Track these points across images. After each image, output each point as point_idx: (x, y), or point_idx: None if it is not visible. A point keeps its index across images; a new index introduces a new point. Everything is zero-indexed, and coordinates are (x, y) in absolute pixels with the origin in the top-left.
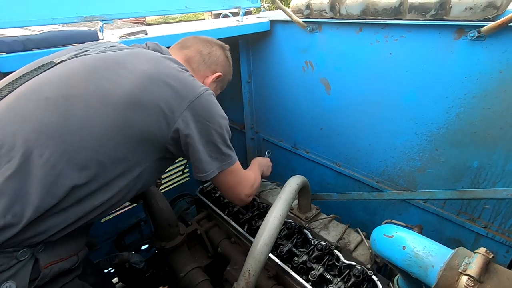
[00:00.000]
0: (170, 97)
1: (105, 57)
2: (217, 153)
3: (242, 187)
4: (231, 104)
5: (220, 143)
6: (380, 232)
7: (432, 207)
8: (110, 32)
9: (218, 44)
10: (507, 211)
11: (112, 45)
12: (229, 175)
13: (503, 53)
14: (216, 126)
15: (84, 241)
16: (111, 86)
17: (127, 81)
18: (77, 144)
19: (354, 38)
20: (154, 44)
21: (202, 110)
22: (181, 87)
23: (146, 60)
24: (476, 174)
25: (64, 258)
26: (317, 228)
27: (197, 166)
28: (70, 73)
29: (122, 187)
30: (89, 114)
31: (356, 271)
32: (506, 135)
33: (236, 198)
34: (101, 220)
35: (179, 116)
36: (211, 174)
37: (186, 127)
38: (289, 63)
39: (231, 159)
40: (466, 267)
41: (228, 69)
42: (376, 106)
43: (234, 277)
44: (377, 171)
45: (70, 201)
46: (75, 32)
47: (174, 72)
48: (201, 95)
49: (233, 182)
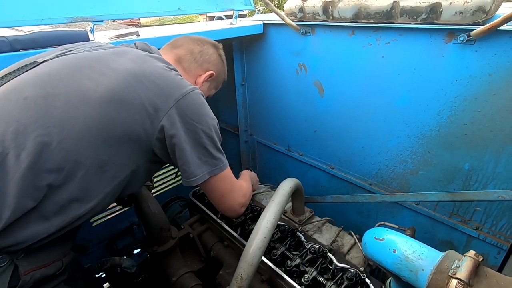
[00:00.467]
0: (154, 95)
1: (89, 55)
2: (207, 156)
3: (236, 195)
4: (225, 106)
5: (209, 145)
6: (371, 235)
7: (425, 209)
8: (101, 34)
9: (210, 43)
10: (498, 212)
11: (99, 45)
12: (221, 182)
13: (493, 57)
14: (204, 127)
15: (70, 246)
16: (92, 85)
17: (110, 79)
18: (56, 145)
19: (347, 41)
20: (142, 43)
21: (189, 109)
22: (166, 86)
23: (131, 59)
24: (467, 176)
25: (47, 264)
26: (310, 231)
27: (185, 169)
28: (51, 72)
29: (107, 192)
30: (68, 113)
31: (349, 274)
32: (496, 137)
33: (229, 207)
34: (92, 224)
35: (164, 115)
36: (201, 179)
37: (172, 127)
38: (283, 66)
39: (222, 163)
40: (455, 270)
41: (221, 67)
42: (369, 109)
43: (227, 281)
44: (370, 173)
45: (50, 206)
46: (64, 33)
47: (160, 71)
48: (187, 94)
49: (226, 190)
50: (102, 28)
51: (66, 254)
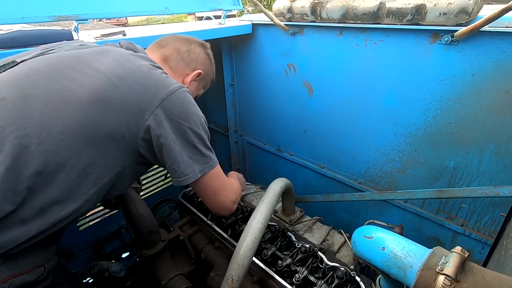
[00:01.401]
0: (139, 95)
1: (70, 55)
2: (197, 154)
3: (227, 192)
4: (214, 107)
5: (198, 143)
6: (360, 234)
7: (412, 206)
8: (86, 33)
9: (198, 42)
10: (482, 209)
11: (82, 44)
12: (212, 179)
13: (475, 57)
14: (192, 125)
15: (53, 250)
16: (73, 85)
17: (91, 79)
18: (35, 147)
19: (335, 42)
20: (127, 43)
21: (176, 108)
22: (151, 85)
23: (114, 58)
24: (453, 174)
25: (28, 270)
26: (301, 230)
27: (175, 169)
28: (29, 72)
29: (91, 194)
30: (48, 114)
31: (339, 273)
32: (479, 136)
33: (222, 205)
34: (79, 229)
35: (149, 115)
36: (192, 178)
37: (159, 127)
38: (272, 66)
39: (212, 161)
40: (443, 266)
41: (209, 67)
42: (357, 109)
43: (218, 283)
44: (359, 172)
45: (29, 209)
46: (47, 31)
47: (144, 69)
48: (174, 92)
49: (217, 187)
50: (87, 27)
51: (49, 259)
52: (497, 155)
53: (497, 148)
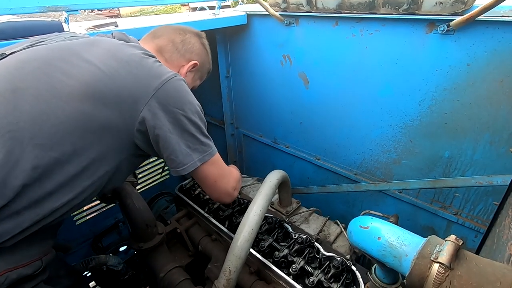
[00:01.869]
0: (132, 85)
1: (60, 46)
2: (196, 143)
3: (227, 179)
4: (210, 99)
5: (196, 132)
6: (356, 224)
7: (407, 196)
8: (77, 24)
9: (193, 32)
10: (476, 198)
11: (73, 35)
12: (212, 167)
13: (471, 47)
14: (189, 114)
15: (50, 244)
16: (64, 78)
17: (83, 71)
18: (28, 141)
19: (331, 32)
20: (120, 33)
21: (171, 97)
22: (144, 74)
23: (105, 48)
24: (447, 164)
25: (25, 264)
26: (297, 221)
27: (173, 159)
28: (19, 65)
29: (85, 187)
30: (39, 108)
31: (335, 263)
32: (474, 126)
33: (223, 192)
34: (76, 223)
35: (144, 106)
36: (191, 167)
37: (154, 118)
38: (267, 58)
39: (211, 148)
40: (437, 255)
41: (205, 57)
42: (353, 100)
43: (216, 274)
44: (355, 163)
45: (23, 202)
46: (36, 23)
47: (136, 59)
48: (168, 81)
49: (218, 175)
50: (78, 19)
51: (46, 253)
52: (491, 144)
53: (491, 138)
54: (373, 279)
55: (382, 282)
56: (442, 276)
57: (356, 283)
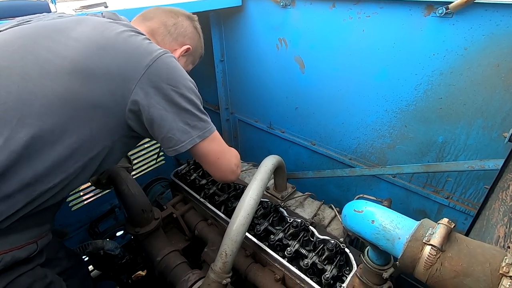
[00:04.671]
0: (122, 63)
1: (46, 25)
2: (194, 119)
3: (229, 156)
4: (204, 84)
5: (193, 108)
6: (350, 208)
7: (401, 181)
8: (65, 5)
9: (185, 15)
10: (467, 182)
11: (60, 15)
12: (213, 144)
13: (468, 30)
14: (183, 91)
15: (46, 227)
16: (51, 56)
17: (70, 49)
18: (16, 122)
19: (328, 14)
20: (110, 13)
21: (163, 74)
22: (133, 52)
23: (92, 26)
24: (441, 149)
25: (19, 246)
26: (292, 206)
27: (170, 137)
28: (3, 44)
29: (77, 168)
30: (27, 88)
31: (329, 245)
32: (468, 110)
33: (227, 170)
34: (72, 209)
35: (135, 84)
36: (190, 143)
37: (147, 97)
38: (263, 41)
39: (210, 125)
40: (429, 237)
41: (198, 41)
42: (349, 85)
43: (212, 258)
44: (350, 148)
45: (14, 185)
46: (22, 3)
47: (125, 36)
48: (158, 57)
49: (220, 151)
50: None
51: (42, 237)
52: (484, 129)
53: (485, 123)
54: (366, 261)
55: (374, 263)
56: (434, 257)
57: (349, 264)
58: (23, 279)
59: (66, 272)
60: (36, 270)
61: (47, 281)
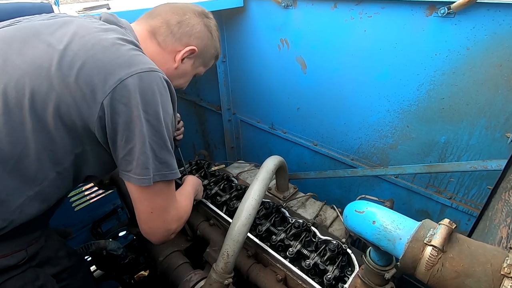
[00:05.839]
0: (93, 73)
1: (27, 27)
2: (149, 156)
3: (169, 217)
4: (206, 84)
5: (156, 143)
6: (351, 209)
7: (403, 181)
8: (68, 6)
9: (195, 11)
10: (470, 182)
11: (54, 15)
12: (157, 194)
13: (471, 30)
14: (152, 119)
15: (36, 235)
16: (18, 60)
17: (37, 52)
18: None
19: (329, 15)
20: (109, 15)
21: (136, 94)
22: (110, 61)
23: (72, 30)
24: (443, 149)
25: (6, 254)
26: (294, 206)
27: (127, 161)
28: None
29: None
30: None
31: (331, 246)
32: (471, 110)
33: (154, 230)
34: (74, 209)
35: (103, 98)
36: (141, 182)
37: (113, 112)
38: (265, 41)
39: (167, 170)
40: (431, 238)
41: (208, 41)
42: (351, 85)
43: (214, 258)
44: (352, 149)
45: None
46: (25, 5)
47: (106, 44)
48: (138, 73)
49: (158, 206)
50: (69, 1)
51: (32, 244)
52: (487, 129)
53: (488, 123)
54: (368, 262)
55: (376, 264)
56: (435, 258)
57: (351, 265)
58: (12, 283)
59: (67, 271)
60: (27, 273)
61: (38, 283)
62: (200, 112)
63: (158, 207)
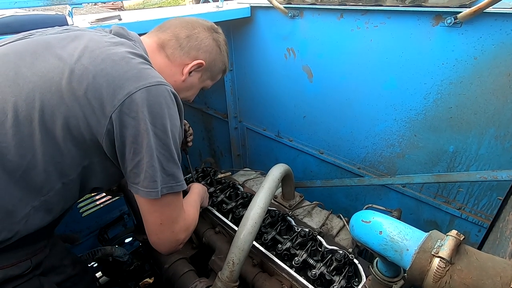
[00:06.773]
0: (101, 86)
1: (39, 40)
2: (157, 169)
3: (177, 228)
4: (213, 93)
5: (163, 156)
6: (358, 218)
7: (411, 191)
8: (81, 18)
9: (204, 26)
10: (480, 192)
11: (66, 28)
12: (166, 206)
13: (478, 40)
14: (160, 132)
15: (41, 245)
16: (28, 73)
17: (48, 66)
18: None
19: (335, 25)
20: (118, 27)
21: (145, 107)
22: (119, 75)
23: (83, 44)
24: (451, 158)
25: (10, 264)
26: (300, 215)
27: (136, 174)
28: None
29: (57, 189)
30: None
31: (338, 256)
32: (479, 120)
33: (164, 241)
34: (82, 215)
35: (112, 112)
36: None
37: (122, 127)
38: (271, 51)
39: (174, 182)
40: (438, 249)
41: (217, 55)
42: (357, 94)
43: (219, 266)
44: (358, 157)
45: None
46: (40, 16)
47: (115, 58)
48: (146, 87)
49: (167, 218)
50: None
51: (37, 253)
52: (496, 139)
53: (497, 132)
54: (375, 273)
55: (383, 275)
56: (443, 270)
57: (358, 276)
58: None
59: (71, 280)
60: (32, 282)
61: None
62: (207, 119)
63: (167, 218)
